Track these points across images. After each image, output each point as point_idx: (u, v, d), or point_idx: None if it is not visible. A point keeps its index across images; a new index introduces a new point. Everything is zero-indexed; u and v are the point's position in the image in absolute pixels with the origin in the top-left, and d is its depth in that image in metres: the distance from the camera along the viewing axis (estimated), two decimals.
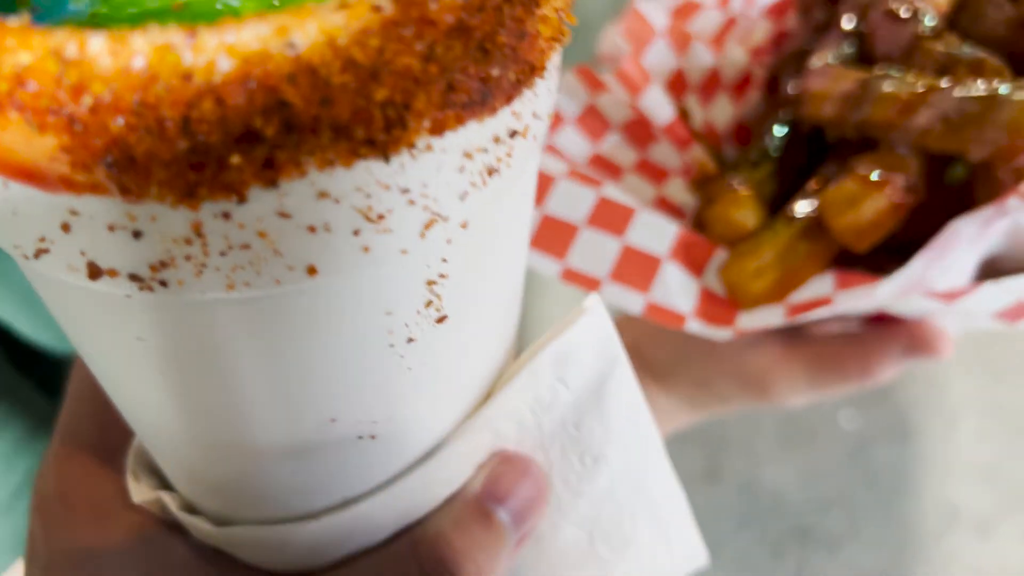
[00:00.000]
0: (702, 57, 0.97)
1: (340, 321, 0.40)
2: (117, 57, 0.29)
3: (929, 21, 0.81)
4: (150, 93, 0.30)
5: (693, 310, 0.77)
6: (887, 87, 0.76)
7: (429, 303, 0.42)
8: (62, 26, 0.33)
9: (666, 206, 0.90)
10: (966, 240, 0.69)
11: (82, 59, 0.29)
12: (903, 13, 0.82)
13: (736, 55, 0.99)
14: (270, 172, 0.33)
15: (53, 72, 0.29)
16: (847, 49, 0.85)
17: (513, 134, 0.40)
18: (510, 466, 0.54)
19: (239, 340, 0.40)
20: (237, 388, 0.42)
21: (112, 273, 0.36)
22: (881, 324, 0.81)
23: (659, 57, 0.97)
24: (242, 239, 0.35)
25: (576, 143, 0.89)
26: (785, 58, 0.96)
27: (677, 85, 0.97)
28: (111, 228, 0.34)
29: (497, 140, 0.39)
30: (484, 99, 0.37)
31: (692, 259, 0.79)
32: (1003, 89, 0.72)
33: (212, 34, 0.29)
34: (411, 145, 0.35)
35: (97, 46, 0.29)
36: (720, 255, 0.82)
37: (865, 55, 0.85)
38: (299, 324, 0.40)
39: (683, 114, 0.96)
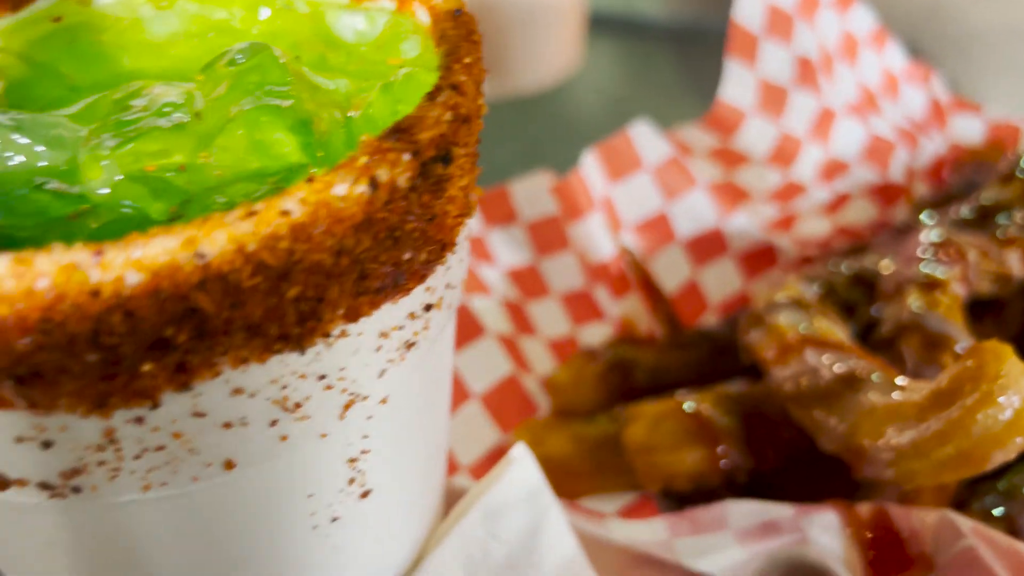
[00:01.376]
0: (703, 209, 0.88)
1: (261, 509, 0.39)
2: (21, 279, 0.29)
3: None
4: (56, 311, 0.29)
5: None
6: (784, 317, 0.69)
7: (352, 480, 0.42)
8: None
9: (566, 347, 0.84)
10: (734, 533, 0.60)
11: None
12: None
13: (818, 226, 0.90)
14: (183, 376, 0.33)
15: None
16: (887, 264, 0.75)
17: (428, 308, 0.40)
18: None
19: (156, 536, 0.39)
20: None
21: (21, 483, 0.35)
22: None
23: (637, 193, 0.88)
24: (157, 441, 0.34)
25: (505, 286, 0.84)
26: (847, 249, 0.87)
27: (652, 230, 0.89)
28: (18, 440, 0.33)
29: (413, 316, 0.39)
30: (397, 282, 0.37)
31: None
32: (874, 378, 0.61)
33: (119, 250, 0.29)
34: (326, 335, 0.35)
35: (0, 268, 0.29)
36: None
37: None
38: (218, 516, 0.39)
39: (624, 255, 0.88)
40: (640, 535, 0.61)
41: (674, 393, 0.72)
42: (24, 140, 0.36)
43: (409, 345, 0.40)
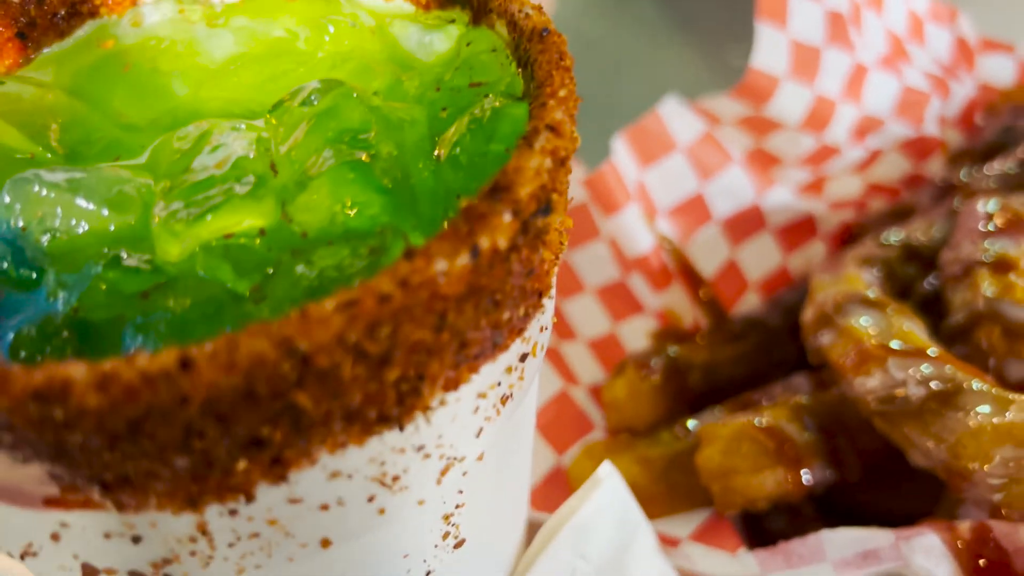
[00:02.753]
0: (740, 185, 0.84)
1: None
2: (104, 393, 0.26)
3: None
4: (145, 423, 0.27)
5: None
6: (860, 319, 0.64)
7: (447, 535, 0.40)
8: (41, 339, 0.31)
9: (609, 347, 0.80)
10: (832, 563, 0.56)
11: (66, 398, 0.26)
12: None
13: (849, 186, 0.87)
14: (279, 468, 0.30)
15: (35, 413, 0.26)
16: (936, 233, 0.73)
17: (523, 357, 0.37)
18: None
19: None
20: None
21: (110, 572, 0.33)
22: None
23: (671, 176, 0.84)
24: (251, 530, 0.32)
25: None
26: (886, 213, 0.84)
27: (688, 213, 0.85)
28: (107, 536, 0.31)
29: (510, 370, 0.37)
30: (496, 343, 0.34)
31: None
32: (975, 385, 0.56)
33: (208, 353, 0.27)
34: (426, 408, 0.33)
35: (80, 383, 0.26)
36: None
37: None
38: None
39: (663, 244, 0.84)
40: (727, 569, 0.58)
41: (735, 400, 0.69)
42: (88, 205, 0.34)
43: (505, 399, 0.37)
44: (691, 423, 0.68)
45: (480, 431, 0.36)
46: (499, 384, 0.36)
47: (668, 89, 1.08)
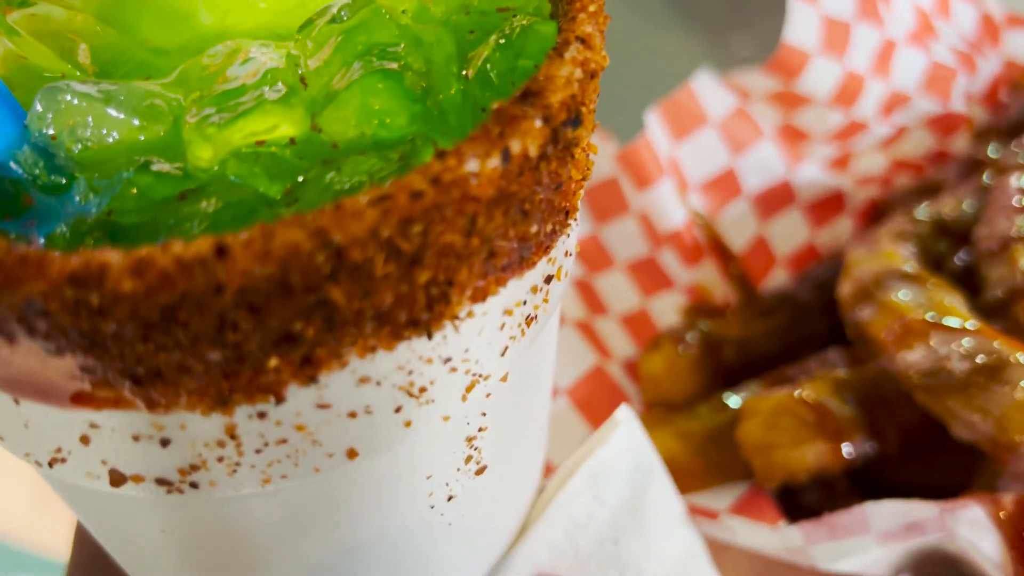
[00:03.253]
0: (771, 160, 0.84)
1: (380, 495, 0.38)
2: (140, 278, 0.26)
3: None
4: (180, 311, 0.27)
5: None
6: (900, 294, 0.64)
7: (469, 459, 0.40)
8: (74, 239, 0.31)
9: (640, 323, 0.80)
10: (876, 535, 0.56)
11: (102, 283, 0.26)
12: None
13: (874, 162, 0.86)
14: (309, 369, 0.30)
15: (70, 298, 0.26)
16: (967, 208, 0.72)
17: (549, 279, 0.38)
18: None
19: (272, 527, 0.37)
20: (268, 570, 0.39)
21: (137, 479, 0.33)
22: None
23: (703, 150, 0.84)
24: (279, 435, 0.32)
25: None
26: (913, 189, 0.83)
27: (719, 187, 0.84)
28: (136, 438, 0.32)
29: (535, 290, 0.37)
30: (523, 257, 0.34)
31: None
32: (1021, 359, 0.56)
33: (244, 242, 0.27)
34: (454, 317, 0.33)
35: (116, 268, 0.26)
36: None
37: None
38: (337, 504, 0.37)
39: (695, 219, 0.84)
40: (770, 541, 0.58)
41: (772, 374, 0.68)
42: (119, 114, 0.34)
43: (530, 320, 0.37)
44: (729, 398, 0.69)
45: (505, 349, 0.36)
46: (525, 303, 0.36)
47: (669, 78, 1.07)
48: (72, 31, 0.40)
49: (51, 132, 0.33)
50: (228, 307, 0.27)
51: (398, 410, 0.34)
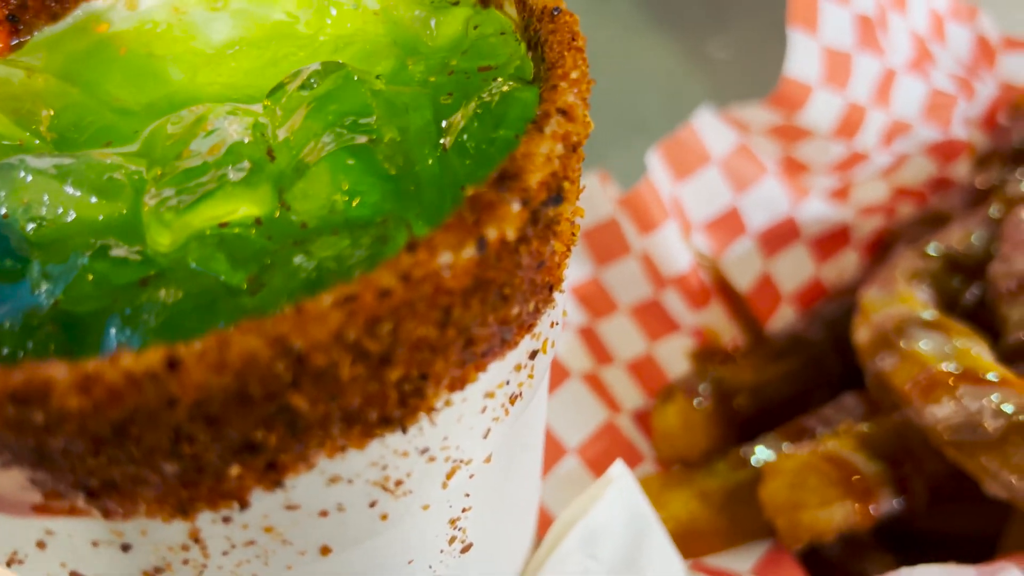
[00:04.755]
0: (775, 197, 0.82)
1: None
2: (87, 395, 0.24)
3: None
4: (131, 426, 0.25)
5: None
6: (922, 343, 0.62)
7: (453, 539, 0.38)
8: (24, 333, 0.29)
9: (648, 370, 0.77)
10: None
11: (46, 400, 0.25)
12: None
13: (875, 191, 0.84)
14: (274, 474, 0.29)
15: (12, 416, 0.25)
16: (975, 241, 0.70)
17: (534, 354, 0.36)
18: None
19: None
20: None
21: None
22: None
23: (706, 190, 0.82)
24: (246, 537, 0.30)
25: (571, 307, 0.78)
26: (918, 219, 0.81)
27: (723, 226, 0.82)
28: (95, 544, 0.30)
29: (519, 368, 0.35)
30: (505, 340, 0.33)
31: None
32: None
33: (198, 352, 0.25)
34: (431, 409, 0.31)
35: (61, 384, 0.24)
36: None
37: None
38: None
39: (701, 261, 0.82)
40: None
41: (788, 426, 0.66)
42: (76, 191, 0.32)
43: (514, 399, 0.35)
44: (750, 454, 0.66)
45: (488, 432, 0.35)
46: (508, 383, 0.34)
47: (648, 81, 1.04)
48: (32, 93, 0.38)
49: (4, 211, 0.32)
50: (183, 420, 0.26)
51: (373, 504, 0.32)
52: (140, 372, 0.25)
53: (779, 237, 0.82)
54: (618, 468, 0.51)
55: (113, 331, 0.28)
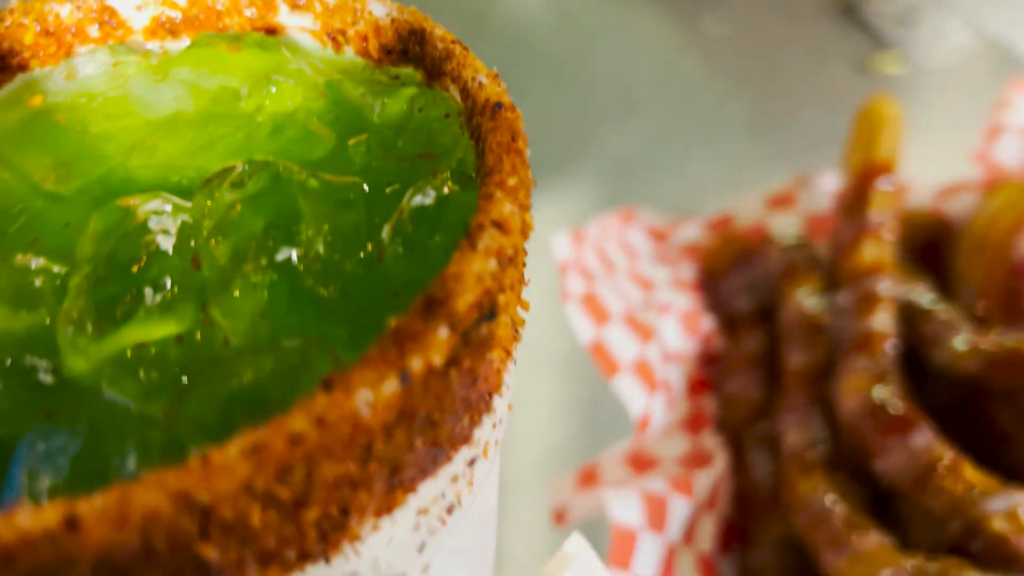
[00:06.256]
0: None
1: None
2: None
3: None
4: None
5: None
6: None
7: None
8: None
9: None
10: None
11: None
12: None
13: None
14: None
15: None
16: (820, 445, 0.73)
17: (472, 462, 0.35)
18: None
19: None
20: None
21: None
22: None
23: None
24: None
25: None
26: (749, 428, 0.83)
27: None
28: None
29: (455, 479, 0.34)
30: (437, 459, 0.31)
31: None
32: None
33: (97, 507, 0.24)
34: (356, 538, 0.30)
35: None
36: None
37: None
38: None
39: None
40: None
41: None
42: None
43: (451, 509, 0.34)
44: None
45: (423, 546, 0.33)
46: (443, 495, 0.33)
47: (643, 58, 1.02)
48: None
49: None
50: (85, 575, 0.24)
51: None
52: (37, 532, 0.23)
53: None
54: (574, 543, 0.50)
55: (17, 470, 0.27)
